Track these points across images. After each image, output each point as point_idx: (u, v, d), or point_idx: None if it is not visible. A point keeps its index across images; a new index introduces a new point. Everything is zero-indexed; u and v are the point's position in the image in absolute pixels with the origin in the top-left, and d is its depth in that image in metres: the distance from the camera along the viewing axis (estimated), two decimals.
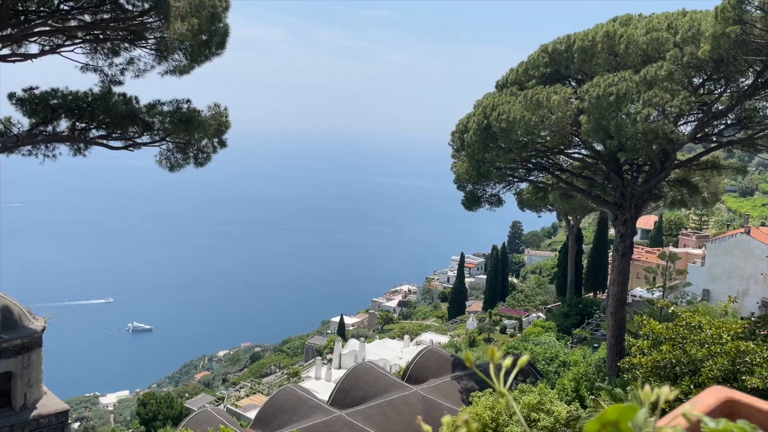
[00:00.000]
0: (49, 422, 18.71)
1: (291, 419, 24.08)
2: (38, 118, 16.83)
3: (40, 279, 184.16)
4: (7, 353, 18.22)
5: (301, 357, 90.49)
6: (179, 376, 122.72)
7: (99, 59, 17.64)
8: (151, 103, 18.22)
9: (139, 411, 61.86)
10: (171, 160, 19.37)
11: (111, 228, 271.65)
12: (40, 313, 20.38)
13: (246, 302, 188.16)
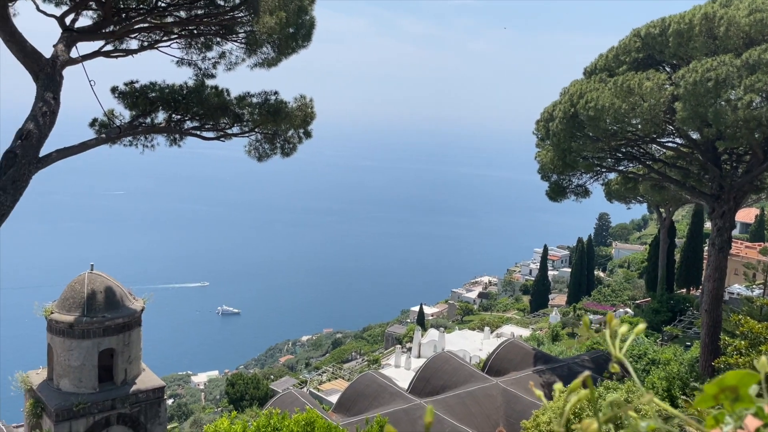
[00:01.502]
0: (146, 397, 19.95)
1: (371, 405, 24.48)
2: (138, 110, 17.74)
3: (139, 262, 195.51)
4: (110, 331, 19.56)
5: (380, 345, 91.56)
6: (265, 359, 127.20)
7: (193, 54, 18.36)
8: (241, 95, 18.81)
9: (227, 390, 64.70)
10: (259, 151, 19.94)
11: (203, 215, 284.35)
12: (139, 295, 21.71)
13: (328, 289, 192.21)
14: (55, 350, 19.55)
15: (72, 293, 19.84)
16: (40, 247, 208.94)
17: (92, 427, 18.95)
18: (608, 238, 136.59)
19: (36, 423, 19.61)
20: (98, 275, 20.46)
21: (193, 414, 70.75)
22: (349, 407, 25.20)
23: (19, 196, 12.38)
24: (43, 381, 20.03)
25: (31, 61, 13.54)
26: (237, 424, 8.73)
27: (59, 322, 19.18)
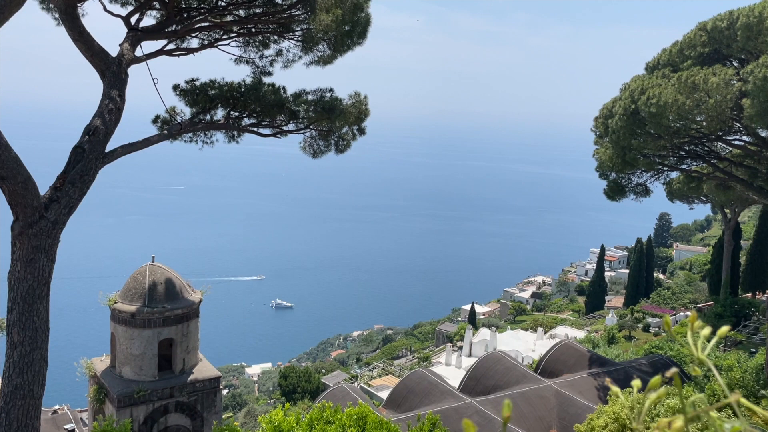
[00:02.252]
0: (203, 386, 20.53)
1: (422, 402, 24.47)
2: (198, 107, 18.16)
3: (197, 255, 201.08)
4: (170, 321, 20.21)
5: (431, 342, 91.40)
6: (316, 353, 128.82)
7: (251, 52, 18.67)
8: (297, 93, 19.01)
9: (280, 383, 65.90)
10: (314, 147, 20.13)
11: (259, 210, 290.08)
12: (197, 287, 22.33)
13: (380, 285, 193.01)
14: (117, 338, 20.34)
15: (134, 284, 20.58)
16: (105, 239, 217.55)
17: (152, 414, 19.63)
18: (669, 239, 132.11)
19: (99, 408, 20.46)
20: (159, 267, 21.15)
21: (247, 405, 72.33)
22: (399, 404, 25.25)
23: (86, 189, 12.90)
24: (107, 368, 20.87)
25: (98, 59, 14.07)
26: (291, 415, 8.87)
27: (122, 312, 19.94)
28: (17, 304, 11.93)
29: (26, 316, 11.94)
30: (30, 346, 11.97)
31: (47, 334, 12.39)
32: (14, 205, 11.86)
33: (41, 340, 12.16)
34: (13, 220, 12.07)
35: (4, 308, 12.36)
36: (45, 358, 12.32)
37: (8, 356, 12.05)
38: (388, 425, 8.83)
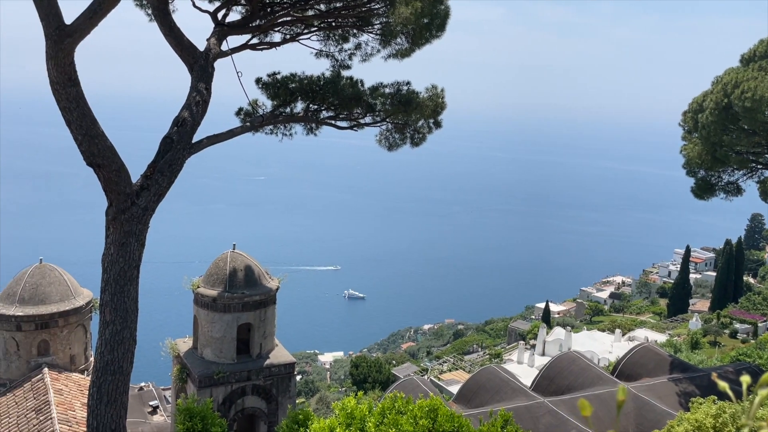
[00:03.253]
0: (278, 371, 21.16)
1: (492, 399, 24.23)
2: (279, 100, 18.59)
3: (276, 244, 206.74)
4: (248, 307, 20.93)
5: (503, 339, 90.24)
6: (387, 344, 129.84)
7: (331, 45, 18.94)
8: (374, 86, 19.13)
9: (352, 372, 66.94)
10: (389, 140, 20.21)
11: (335, 202, 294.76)
12: (275, 274, 22.99)
13: (451, 280, 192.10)
14: (199, 321, 21.27)
15: (216, 270, 21.44)
16: (189, 226, 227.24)
17: (230, 396, 20.42)
18: (761, 242, 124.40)
19: (181, 387, 21.48)
20: (239, 254, 21.93)
21: (319, 391, 73.89)
22: (469, 399, 25.12)
23: (174, 178, 13.54)
24: (189, 349, 21.87)
25: (187, 54, 14.70)
26: (363, 404, 9.01)
27: (204, 296, 20.82)
28: (110, 285, 12.69)
29: (118, 296, 12.69)
30: (121, 325, 12.72)
31: (136, 314, 13.12)
32: (109, 191, 12.61)
33: (131, 319, 12.89)
34: (107, 206, 12.84)
35: (99, 289, 13.18)
36: (134, 337, 13.05)
37: (101, 334, 12.85)
38: (459, 419, 8.81)
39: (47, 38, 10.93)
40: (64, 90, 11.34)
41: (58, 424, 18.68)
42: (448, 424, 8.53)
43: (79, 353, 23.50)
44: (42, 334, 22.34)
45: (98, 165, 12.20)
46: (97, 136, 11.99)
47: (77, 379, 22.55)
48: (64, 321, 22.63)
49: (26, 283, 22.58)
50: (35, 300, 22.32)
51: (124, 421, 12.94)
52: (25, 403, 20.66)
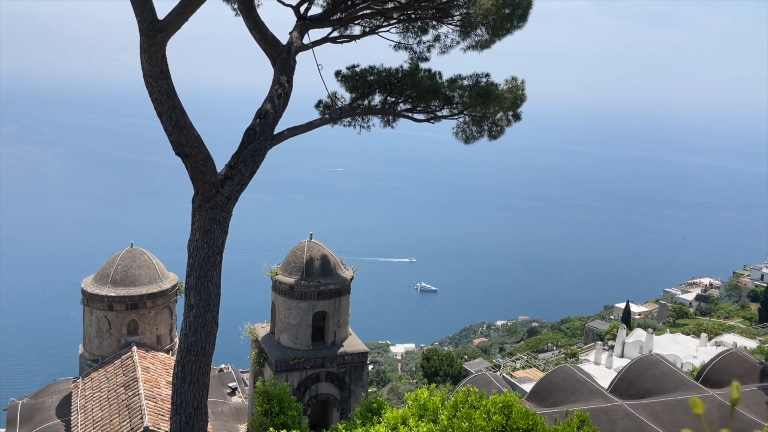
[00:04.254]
0: (352, 359, 21.52)
1: (567, 399, 23.65)
2: (357, 93, 18.75)
3: (351, 235, 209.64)
4: (324, 295, 21.36)
5: (579, 339, 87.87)
6: (459, 338, 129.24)
7: (409, 38, 18.91)
8: (453, 78, 18.96)
9: (423, 364, 67.10)
10: (466, 133, 20.00)
11: (410, 194, 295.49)
12: (350, 264, 23.34)
13: (527, 276, 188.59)
14: (277, 308, 21.90)
15: (293, 258, 21.99)
16: (268, 215, 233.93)
17: (304, 381, 20.95)
18: None
19: (259, 370, 22.22)
20: (316, 244, 22.39)
21: (391, 382, 74.54)
22: (543, 398, 24.63)
23: (256, 168, 13.95)
24: (267, 334, 22.57)
25: (270, 47, 15.07)
26: (436, 396, 9.02)
27: (282, 283, 21.41)
28: (194, 270, 13.26)
29: (202, 281, 13.24)
30: (204, 308, 13.27)
31: (219, 298, 13.65)
32: (195, 180, 13.14)
33: (213, 303, 13.42)
34: (193, 194, 13.39)
35: (185, 273, 13.80)
36: (216, 320, 13.59)
37: (185, 316, 13.46)
38: (534, 417, 8.65)
39: (141, 33, 11.49)
40: (156, 82, 11.90)
41: (145, 399, 19.75)
42: (522, 422, 8.39)
43: (165, 334, 24.73)
44: (131, 314, 23.66)
45: (186, 155, 12.73)
46: (185, 127, 12.52)
47: (163, 358, 23.75)
48: (152, 302, 23.87)
49: (118, 266, 23.95)
50: (126, 282, 23.65)
51: (205, 401, 13.51)
52: (115, 378, 21.97)
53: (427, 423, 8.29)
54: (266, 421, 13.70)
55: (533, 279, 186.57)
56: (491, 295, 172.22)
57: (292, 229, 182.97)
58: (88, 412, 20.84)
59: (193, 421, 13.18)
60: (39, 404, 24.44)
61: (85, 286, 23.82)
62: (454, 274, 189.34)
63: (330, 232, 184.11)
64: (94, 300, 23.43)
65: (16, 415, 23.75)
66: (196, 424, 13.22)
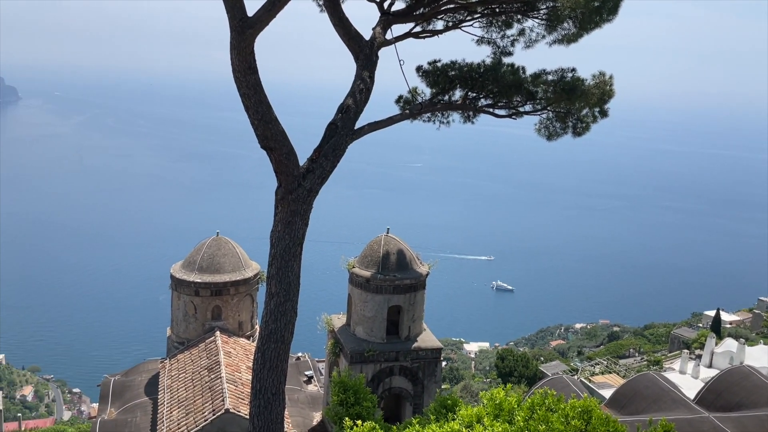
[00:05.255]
0: (426, 355, 21.54)
1: (649, 408, 22.69)
2: (438, 88, 18.65)
3: (428, 230, 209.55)
4: (399, 289, 21.48)
5: (663, 346, 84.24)
6: (535, 340, 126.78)
7: (493, 32, 18.60)
8: (536, 73, 18.54)
9: (497, 364, 66.26)
10: (549, 129, 19.52)
11: (488, 191, 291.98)
12: (425, 260, 23.33)
13: (608, 278, 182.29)
14: (353, 300, 22.22)
15: (370, 252, 22.22)
16: (346, 208, 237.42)
17: (378, 374, 21.16)
18: None
19: (334, 361, 22.65)
20: (392, 238, 22.53)
21: (464, 380, 74.15)
22: (623, 405, 23.75)
23: (336, 162, 14.19)
24: (343, 325, 22.96)
25: (354, 43, 15.25)
26: (512, 396, 8.88)
27: (358, 276, 21.70)
28: (276, 260, 13.65)
29: (282, 270, 13.62)
30: (284, 297, 13.65)
31: (298, 288, 14.01)
32: (279, 173, 13.52)
33: (293, 292, 13.79)
34: (277, 187, 13.79)
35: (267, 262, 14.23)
36: (295, 309, 13.95)
37: (266, 304, 13.89)
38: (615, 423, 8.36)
39: (231, 30, 11.91)
40: (244, 77, 12.31)
41: (226, 383, 20.56)
42: (602, 428, 8.10)
43: (246, 320, 25.63)
44: (216, 301, 24.66)
45: (271, 148, 13.12)
46: (271, 121, 12.90)
47: (244, 343, 24.63)
48: (235, 290, 24.79)
49: (204, 254, 25.01)
50: (211, 269, 24.67)
51: (283, 387, 13.92)
52: (199, 361, 22.99)
53: (502, 423, 8.18)
54: (342, 411, 13.95)
55: (615, 281, 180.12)
56: (570, 296, 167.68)
57: (369, 223, 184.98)
58: (173, 391, 21.93)
59: (271, 406, 13.61)
60: (129, 382, 25.94)
61: (173, 272, 25.04)
62: (531, 273, 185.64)
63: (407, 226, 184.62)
64: (181, 285, 24.59)
65: (108, 391, 25.32)
66: (274, 409, 13.64)
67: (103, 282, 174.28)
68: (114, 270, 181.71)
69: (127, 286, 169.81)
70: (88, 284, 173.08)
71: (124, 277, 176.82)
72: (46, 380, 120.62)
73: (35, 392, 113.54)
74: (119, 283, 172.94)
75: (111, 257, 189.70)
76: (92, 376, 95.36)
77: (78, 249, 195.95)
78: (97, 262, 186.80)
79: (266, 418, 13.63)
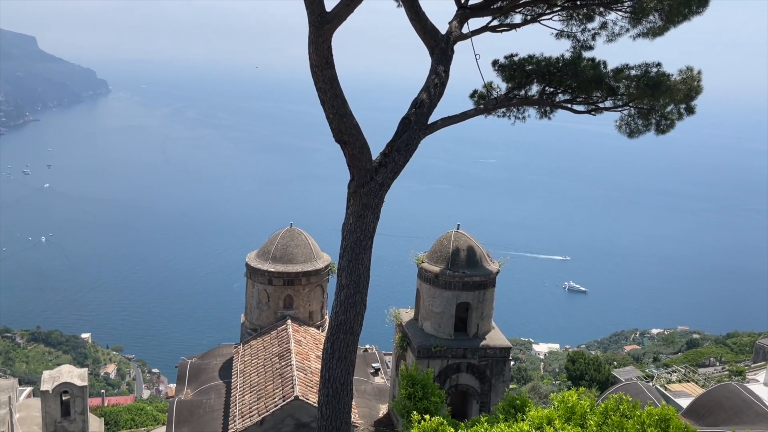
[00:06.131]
0: (494, 353, 21.29)
1: (730, 420, 21.56)
2: (514, 83, 18.33)
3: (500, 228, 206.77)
4: (468, 286, 21.31)
5: (747, 356, 79.70)
6: (608, 343, 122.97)
7: (573, 25, 18.11)
8: (619, 68, 17.91)
9: (567, 366, 64.65)
10: (631, 126, 18.86)
11: (563, 189, 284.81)
12: (496, 258, 23.03)
13: (688, 283, 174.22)
14: (421, 295, 22.23)
15: (440, 247, 22.15)
16: (415, 203, 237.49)
17: (445, 370, 21.11)
18: None
19: (401, 354, 22.75)
20: (463, 234, 22.36)
21: (532, 381, 72.83)
22: (702, 416, 22.67)
23: (409, 157, 14.21)
24: (410, 320, 23.02)
25: (429, 37, 15.20)
26: (585, 400, 8.65)
27: (427, 271, 21.69)
28: (347, 252, 13.84)
29: (353, 263, 13.80)
30: (354, 289, 13.83)
31: (368, 280, 14.15)
32: (352, 166, 13.68)
33: (363, 285, 13.94)
34: (349, 180, 13.96)
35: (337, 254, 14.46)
36: (364, 301, 14.11)
37: (336, 295, 14.12)
38: None
39: (310, 25, 12.12)
40: (321, 72, 12.52)
41: (296, 371, 21.06)
42: None
43: (316, 310, 26.14)
44: (287, 290, 25.28)
45: (345, 142, 13.29)
46: (345, 115, 13.06)
47: (313, 333, 25.14)
48: (306, 280, 25.32)
49: (278, 244, 25.67)
50: (284, 259, 25.29)
51: (351, 377, 14.12)
52: (270, 348, 23.65)
53: (574, 427, 7.97)
54: (410, 405, 14.02)
55: (696, 286, 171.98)
56: (647, 300, 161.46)
57: (439, 219, 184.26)
58: (246, 376, 22.67)
59: (339, 395, 13.84)
60: (205, 365, 27.01)
61: (249, 260, 25.84)
62: (607, 275, 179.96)
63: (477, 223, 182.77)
64: (256, 274, 25.35)
65: (185, 373, 26.46)
66: (342, 399, 13.87)
67: (183, 267, 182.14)
68: (193, 256, 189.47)
69: (204, 273, 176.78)
70: (168, 269, 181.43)
71: (202, 263, 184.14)
72: (128, 359, 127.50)
73: (117, 370, 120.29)
74: (197, 268, 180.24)
75: (190, 244, 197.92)
76: (170, 358, 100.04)
77: (159, 235, 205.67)
78: (177, 248, 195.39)
79: (334, 407, 13.87)
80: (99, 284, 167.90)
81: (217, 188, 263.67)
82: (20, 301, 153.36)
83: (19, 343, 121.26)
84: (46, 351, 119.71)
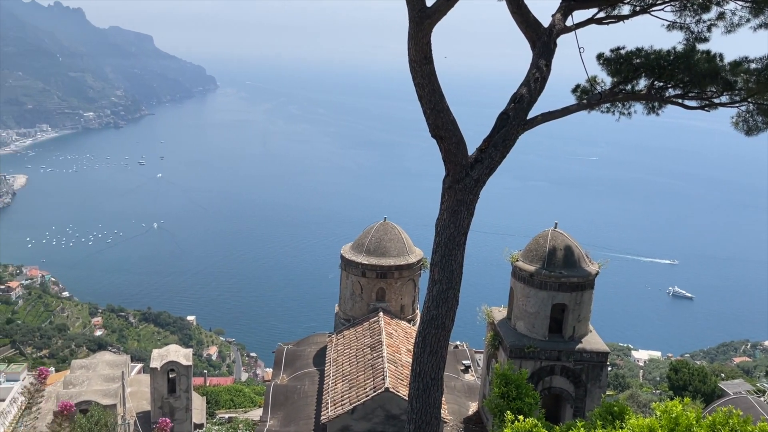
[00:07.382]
0: (590, 357, 20.56)
1: None
2: (620, 77, 17.60)
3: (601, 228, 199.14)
4: (565, 287, 20.69)
5: None
6: (715, 354, 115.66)
7: (687, 16, 17.14)
8: (737, 61, 16.76)
9: (669, 375, 61.45)
10: (749, 123, 17.62)
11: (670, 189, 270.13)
12: (596, 259, 22.20)
13: None
14: (515, 294, 21.84)
15: (536, 246, 21.65)
16: (510, 200, 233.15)
17: (538, 371, 20.64)
18: None
19: (493, 353, 22.47)
20: (560, 233, 21.73)
21: (630, 388, 69.70)
22: None
23: (506, 153, 13.97)
24: (502, 319, 22.69)
25: (531, 30, 14.83)
26: (690, 412, 8.18)
27: (522, 270, 21.27)
28: (440, 247, 13.84)
29: (446, 258, 13.78)
30: (446, 284, 13.81)
31: (460, 276, 14.08)
32: (447, 162, 13.64)
33: (455, 281, 13.89)
34: (444, 175, 13.93)
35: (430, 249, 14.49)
36: (456, 297, 14.06)
37: (429, 290, 14.15)
38: None
39: (410, 20, 12.18)
40: (420, 67, 12.56)
41: (387, 363, 21.33)
42: None
43: (408, 304, 26.33)
44: (380, 283, 25.62)
45: (441, 137, 13.27)
46: (442, 111, 13.04)
47: (405, 326, 25.36)
48: (399, 274, 25.56)
49: (372, 237, 26.06)
50: (378, 252, 25.65)
51: (442, 373, 14.13)
52: (363, 339, 24.09)
53: None
54: (503, 404, 13.85)
55: None
56: (761, 309, 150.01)
57: (535, 217, 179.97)
58: (338, 365, 23.23)
59: (429, 390, 13.90)
60: (300, 351, 27.93)
61: (344, 252, 26.42)
62: (716, 280, 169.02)
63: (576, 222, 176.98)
64: (350, 266, 25.89)
65: (281, 358, 27.48)
66: (432, 393, 13.91)
67: (281, 256, 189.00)
68: (290, 246, 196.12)
69: (301, 262, 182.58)
70: (267, 258, 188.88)
71: (299, 253, 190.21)
72: (228, 342, 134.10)
73: (219, 353, 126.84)
74: (295, 258, 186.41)
75: (288, 234, 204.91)
76: (268, 343, 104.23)
77: (260, 225, 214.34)
78: (275, 238, 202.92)
79: (424, 402, 13.94)
80: (204, 270, 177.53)
81: (313, 181, 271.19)
82: (133, 283, 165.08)
83: (131, 322, 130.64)
84: (155, 330, 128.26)
